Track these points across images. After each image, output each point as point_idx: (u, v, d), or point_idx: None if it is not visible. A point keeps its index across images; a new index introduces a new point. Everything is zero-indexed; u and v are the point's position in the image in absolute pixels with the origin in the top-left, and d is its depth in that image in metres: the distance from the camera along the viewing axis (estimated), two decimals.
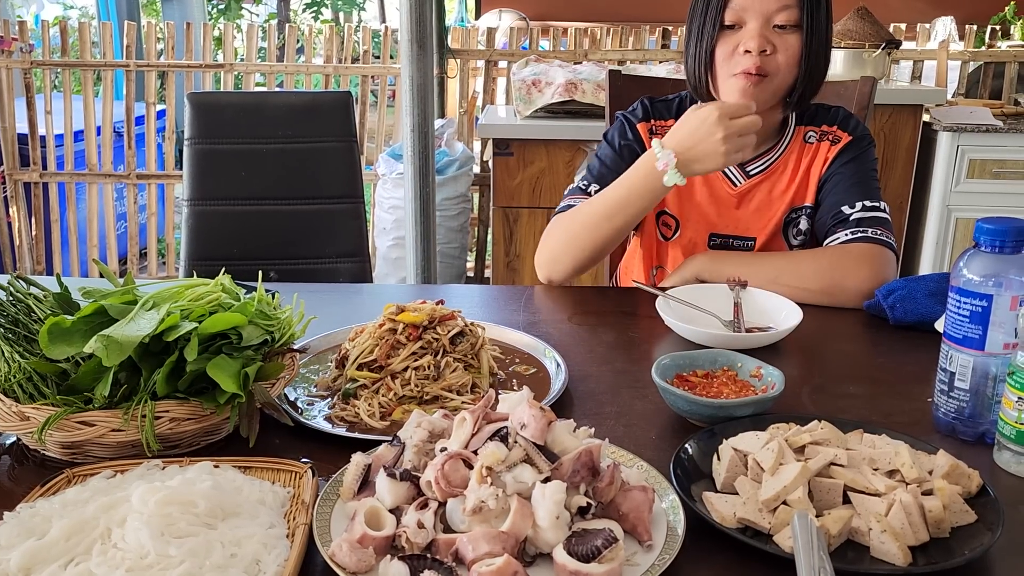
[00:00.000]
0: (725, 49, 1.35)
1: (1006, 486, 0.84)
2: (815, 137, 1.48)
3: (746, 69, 1.32)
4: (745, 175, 1.46)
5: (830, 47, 1.38)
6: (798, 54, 1.34)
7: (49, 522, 0.71)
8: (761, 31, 1.32)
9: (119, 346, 0.83)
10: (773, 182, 1.47)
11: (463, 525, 0.70)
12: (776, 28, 1.33)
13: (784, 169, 1.47)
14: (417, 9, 2.54)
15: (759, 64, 1.32)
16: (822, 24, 1.34)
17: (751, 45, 1.32)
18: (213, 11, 8.42)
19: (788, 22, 1.33)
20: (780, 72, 1.34)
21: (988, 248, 0.88)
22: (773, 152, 1.47)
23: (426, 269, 2.80)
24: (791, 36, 1.33)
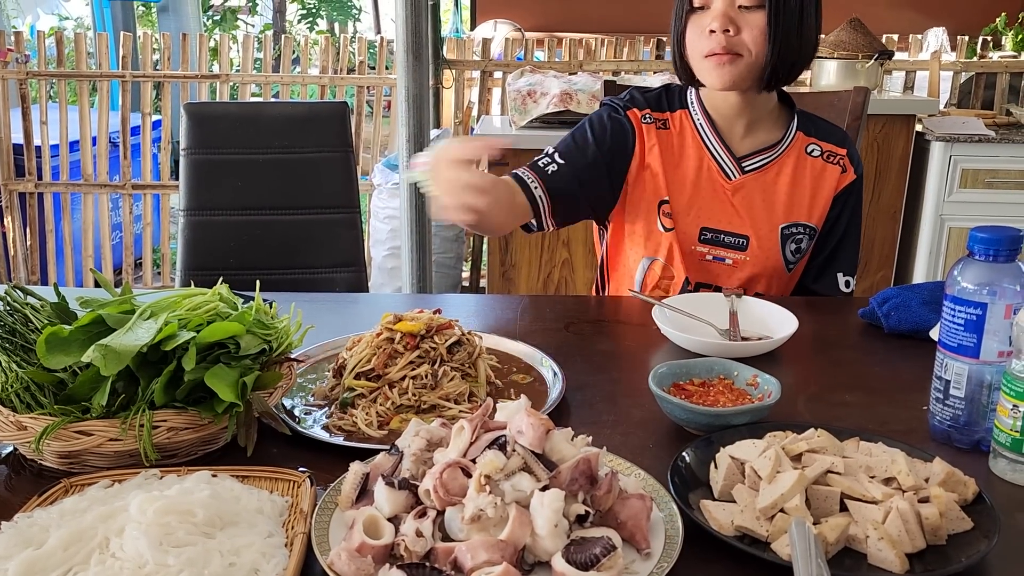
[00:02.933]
0: (694, 31, 1.37)
1: (1002, 494, 0.84)
2: (819, 152, 1.47)
3: (712, 49, 1.34)
4: (740, 169, 1.45)
5: (808, 26, 1.36)
6: (764, 32, 1.33)
7: (47, 532, 0.71)
8: (725, 11, 1.33)
9: (117, 355, 0.83)
10: (769, 182, 1.45)
11: (462, 534, 0.70)
12: (741, 8, 1.33)
13: (781, 171, 1.46)
14: (413, 20, 2.55)
15: (724, 44, 1.33)
16: (792, 2, 1.33)
17: (714, 25, 1.33)
18: (209, 22, 8.43)
19: (752, 2, 1.33)
20: (748, 50, 1.34)
21: (982, 257, 0.89)
22: (772, 151, 1.46)
23: (422, 279, 2.80)
24: (755, 15, 1.33)
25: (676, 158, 1.46)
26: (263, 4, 8.93)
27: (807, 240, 1.46)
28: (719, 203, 1.45)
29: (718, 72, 1.36)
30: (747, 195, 1.45)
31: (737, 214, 1.44)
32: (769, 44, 1.33)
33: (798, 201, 1.45)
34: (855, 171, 1.49)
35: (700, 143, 1.46)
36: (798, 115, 1.49)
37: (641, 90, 1.51)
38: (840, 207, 1.48)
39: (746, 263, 1.44)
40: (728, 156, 1.45)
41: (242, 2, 8.63)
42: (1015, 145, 3.07)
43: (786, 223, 1.45)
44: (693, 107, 1.47)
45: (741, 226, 1.44)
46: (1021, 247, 0.89)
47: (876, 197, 3.14)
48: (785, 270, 1.46)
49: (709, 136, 1.45)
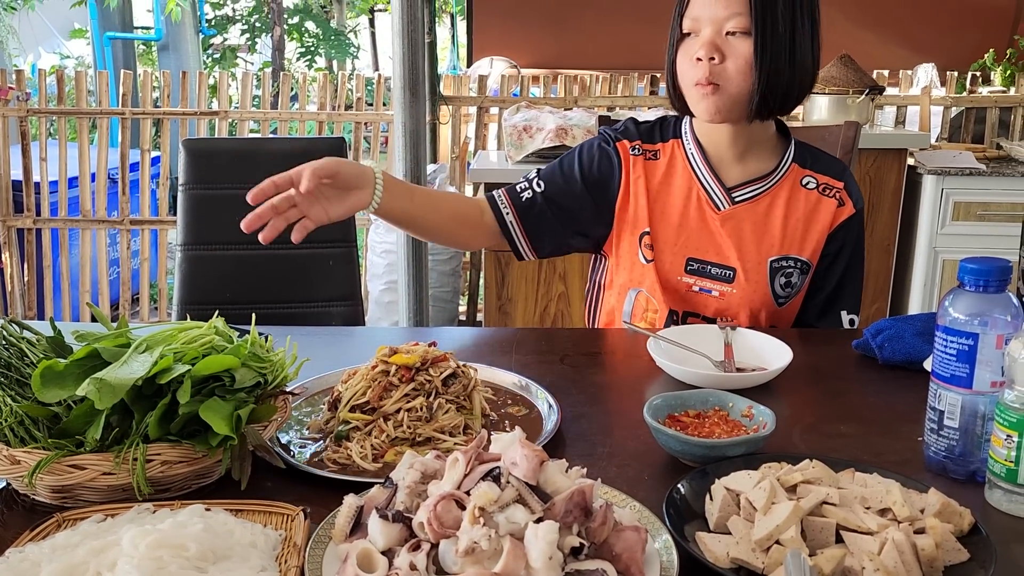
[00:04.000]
0: (684, 58, 1.36)
1: (998, 524, 0.84)
2: (814, 185, 1.44)
3: (697, 79, 1.33)
4: (730, 199, 1.42)
5: (802, 54, 1.33)
6: (749, 61, 1.31)
7: (39, 567, 0.70)
8: (712, 39, 1.31)
9: (112, 389, 0.83)
10: (760, 213, 1.42)
11: (456, 567, 0.70)
12: (729, 35, 1.31)
13: (774, 203, 1.43)
14: (410, 57, 2.59)
15: (708, 73, 1.31)
16: (781, 29, 1.30)
17: (700, 53, 1.31)
18: (208, 60, 8.53)
19: (738, 28, 1.30)
20: (731, 80, 1.32)
21: (972, 287, 0.90)
22: (764, 181, 1.43)
23: (418, 313, 2.80)
24: (742, 43, 1.31)
25: (663, 188, 1.44)
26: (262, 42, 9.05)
27: (798, 275, 1.43)
28: (707, 234, 1.42)
29: (704, 102, 1.34)
30: (736, 226, 1.42)
31: (725, 245, 1.42)
32: (756, 73, 1.31)
33: (790, 234, 1.42)
34: (854, 205, 1.45)
35: (690, 172, 1.44)
36: (795, 146, 1.46)
37: (636, 121, 1.51)
38: (840, 243, 1.44)
39: (733, 295, 1.41)
40: (718, 186, 1.42)
41: (241, 40, 8.74)
42: (1006, 178, 3.10)
43: (776, 256, 1.42)
44: (686, 136, 1.46)
45: (729, 258, 1.42)
46: (1011, 277, 0.90)
47: (870, 230, 3.16)
48: (775, 303, 1.43)
49: (699, 165, 1.43)
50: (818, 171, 1.45)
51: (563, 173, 1.45)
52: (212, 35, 8.51)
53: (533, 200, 1.43)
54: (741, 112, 1.36)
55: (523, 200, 1.43)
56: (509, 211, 1.43)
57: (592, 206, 1.45)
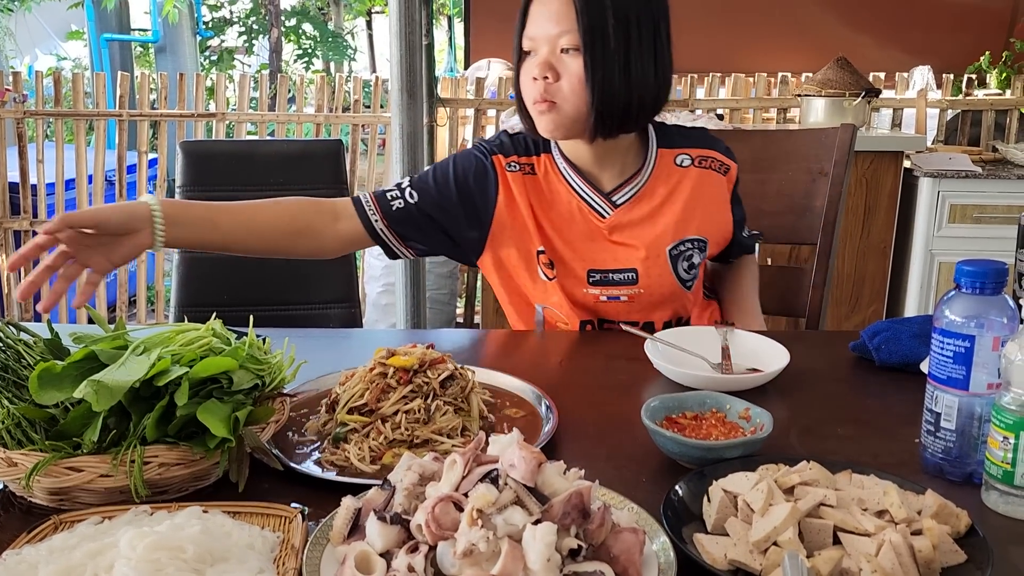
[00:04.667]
0: (524, 77, 1.34)
1: (994, 526, 0.84)
2: (689, 161, 1.44)
3: (534, 97, 1.31)
4: (612, 204, 1.40)
5: (639, 71, 1.30)
6: (582, 79, 1.28)
7: (36, 569, 0.70)
8: (547, 57, 1.29)
9: (109, 391, 0.83)
10: (644, 209, 1.41)
11: (454, 568, 0.70)
12: (562, 52, 1.29)
13: (655, 193, 1.41)
14: (408, 59, 2.59)
15: (543, 91, 1.30)
16: (612, 46, 1.27)
17: (534, 72, 1.30)
18: (206, 62, 8.53)
19: (570, 46, 1.28)
20: (566, 99, 1.30)
21: (969, 290, 0.90)
22: (638, 177, 1.41)
23: (416, 315, 2.80)
24: (574, 61, 1.28)
25: (547, 204, 1.41)
26: (259, 44, 9.05)
27: (698, 254, 1.43)
28: (599, 243, 1.40)
29: (542, 120, 1.33)
30: (625, 229, 1.40)
31: (620, 250, 1.40)
32: (589, 91, 1.28)
33: (680, 217, 1.41)
34: (733, 160, 1.48)
35: (567, 186, 1.41)
36: (656, 131, 1.45)
37: (510, 134, 1.46)
38: (735, 199, 1.50)
39: (641, 295, 1.40)
40: (597, 194, 1.40)
41: (239, 43, 8.75)
42: (1001, 181, 3.11)
43: (672, 243, 1.41)
44: (555, 150, 1.43)
45: (626, 261, 1.40)
46: (1007, 280, 0.91)
47: (866, 232, 3.17)
48: (684, 289, 1.43)
49: (574, 178, 1.41)
50: (688, 146, 1.46)
51: (436, 183, 1.40)
52: (209, 37, 8.51)
53: (406, 211, 1.38)
54: (581, 129, 1.34)
55: (393, 210, 1.38)
56: (378, 218, 1.38)
57: (464, 218, 1.41)
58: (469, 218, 1.41)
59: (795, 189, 1.79)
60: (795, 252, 3.04)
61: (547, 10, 1.30)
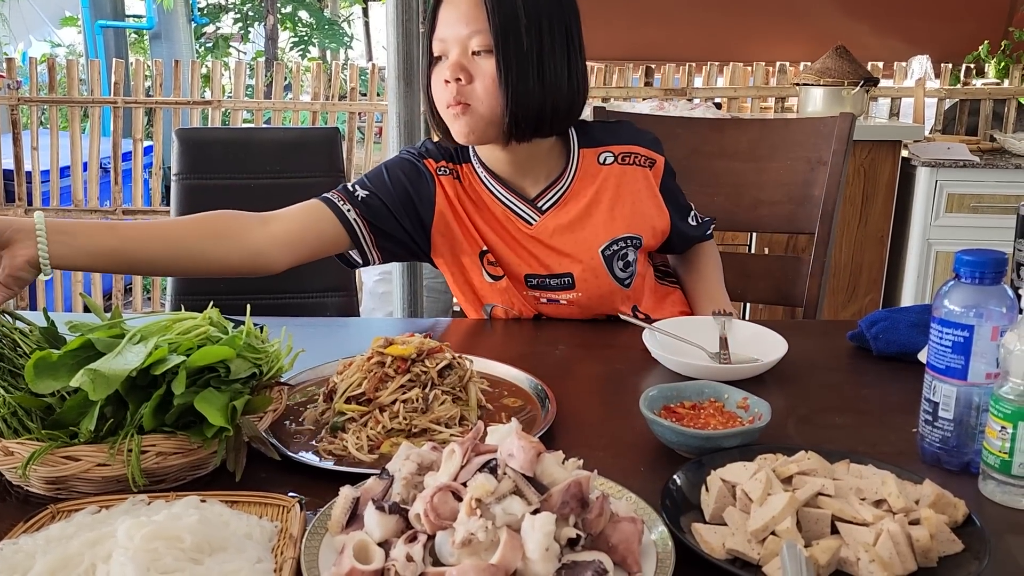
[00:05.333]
0: (436, 81, 1.30)
1: (991, 515, 0.85)
2: (612, 158, 1.41)
3: (447, 101, 1.28)
4: (537, 211, 1.38)
5: (553, 73, 1.27)
6: (495, 80, 1.25)
7: (33, 558, 0.70)
8: (458, 59, 1.26)
9: (106, 380, 0.83)
10: (572, 212, 1.38)
11: (452, 558, 0.69)
12: (474, 55, 1.26)
13: (580, 196, 1.39)
14: (404, 47, 2.57)
15: (455, 94, 1.27)
16: (525, 47, 1.24)
17: (446, 75, 1.27)
18: (201, 49, 8.48)
19: (482, 47, 1.25)
20: (479, 100, 1.27)
21: (968, 279, 0.90)
22: (561, 181, 1.39)
23: (413, 304, 2.80)
24: (487, 62, 1.25)
25: (476, 212, 1.39)
26: (255, 31, 9.00)
27: (632, 251, 1.40)
28: (532, 248, 1.39)
29: (456, 123, 1.29)
30: (555, 234, 1.38)
31: (551, 256, 1.38)
32: (502, 93, 1.25)
33: (609, 217, 1.39)
34: (658, 152, 1.45)
35: (492, 196, 1.39)
36: (576, 133, 1.42)
37: (433, 142, 1.43)
38: (666, 190, 1.46)
39: (580, 298, 1.40)
40: (521, 202, 1.38)
41: (234, 30, 8.70)
42: (999, 170, 3.11)
43: (604, 244, 1.38)
44: (474, 159, 1.40)
45: (560, 265, 1.38)
46: (1006, 269, 0.90)
47: (864, 222, 3.17)
48: (622, 288, 1.41)
49: (496, 188, 1.39)
50: (609, 144, 1.43)
51: (372, 183, 1.38)
52: (204, 24, 8.46)
53: (370, 199, 1.35)
54: (496, 133, 1.30)
55: (359, 199, 1.34)
56: (351, 209, 1.33)
57: (403, 218, 1.38)
58: (411, 217, 1.38)
59: (793, 178, 1.78)
60: (792, 241, 3.05)
61: (457, 12, 1.26)
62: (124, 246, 1.18)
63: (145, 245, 1.21)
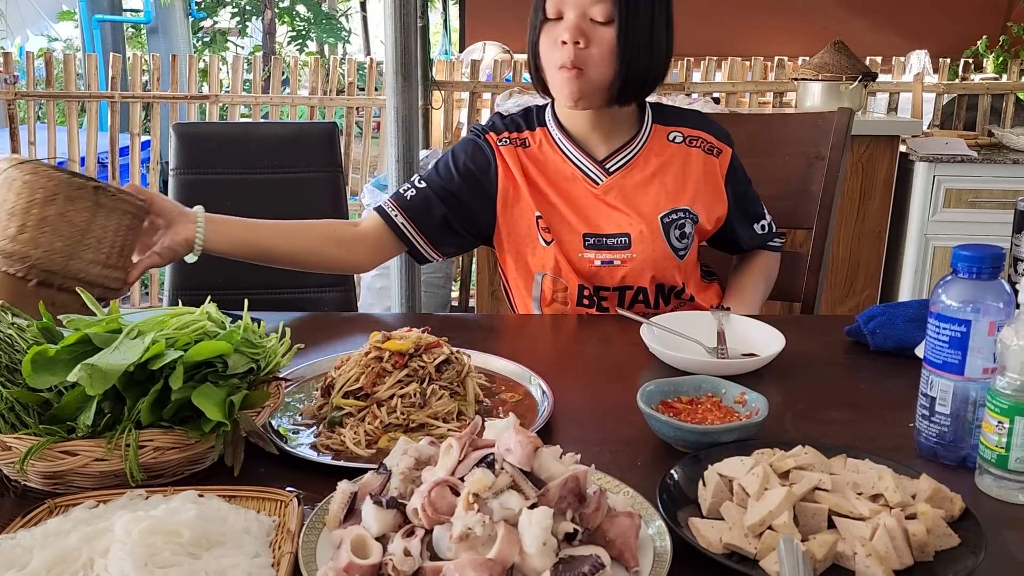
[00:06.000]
0: (547, 41, 1.37)
1: (988, 510, 0.85)
2: (681, 139, 1.49)
3: (563, 62, 1.34)
4: (605, 172, 1.45)
5: (658, 42, 1.37)
6: (612, 48, 1.33)
7: (30, 553, 0.70)
8: (577, 23, 1.33)
9: (103, 375, 0.83)
10: (637, 176, 1.46)
11: (450, 552, 0.70)
12: (593, 22, 1.33)
13: (647, 164, 1.46)
14: (402, 41, 2.57)
15: (573, 57, 1.33)
16: (643, 19, 1.33)
17: (565, 36, 1.33)
18: (198, 43, 8.46)
19: (603, 16, 1.32)
20: (595, 66, 1.34)
21: (965, 275, 0.90)
22: (631, 146, 1.46)
23: (411, 298, 2.80)
24: (606, 30, 1.33)
25: (543, 172, 1.46)
26: (253, 26, 8.98)
27: (690, 224, 1.46)
28: (594, 209, 1.45)
29: (568, 86, 1.36)
30: (618, 195, 1.45)
31: (614, 215, 1.44)
32: (618, 61, 1.34)
33: (671, 187, 1.46)
34: (727, 144, 1.52)
35: (562, 156, 1.46)
36: (651, 108, 1.51)
37: (501, 115, 1.52)
38: (734, 183, 1.52)
39: (634, 259, 1.44)
40: (590, 162, 1.45)
41: (232, 24, 8.68)
42: (997, 165, 3.11)
43: (665, 211, 1.44)
44: (550, 123, 1.48)
45: (620, 225, 1.44)
46: (1003, 264, 0.91)
47: (861, 217, 3.17)
48: (676, 257, 1.45)
49: (568, 147, 1.46)
50: (679, 125, 1.51)
51: (439, 173, 1.47)
52: (202, 18, 8.44)
53: (420, 195, 1.45)
54: (603, 98, 1.39)
55: (408, 199, 1.45)
56: (398, 213, 1.45)
57: (474, 199, 1.46)
58: (477, 196, 1.46)
59: (791, 173, 1.78)
60: (791, 236, 3.04)
61: None
62: (261, 240, 1.37)
63: (277, 242, 1.39)
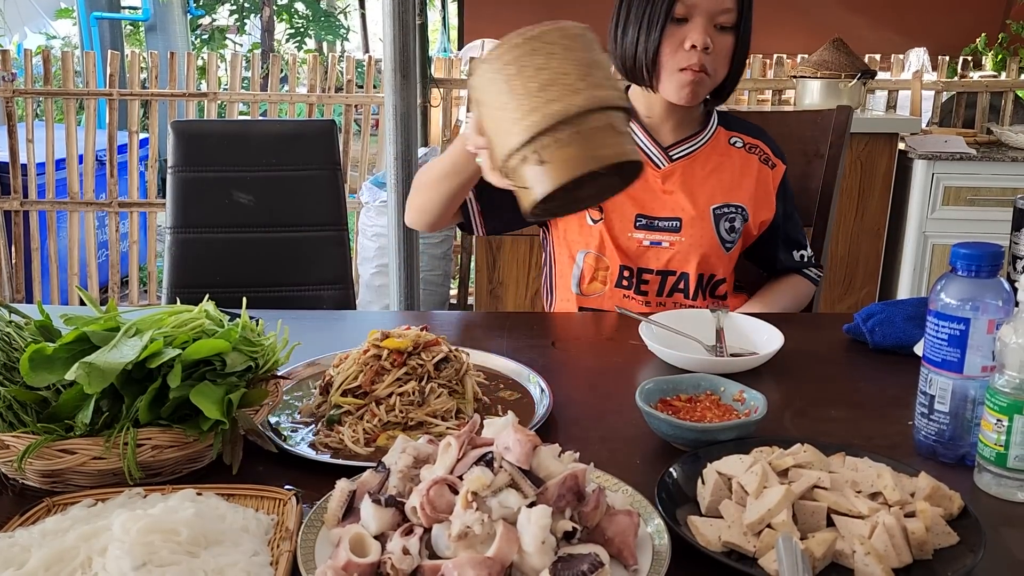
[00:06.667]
0: (672, 42, 1.39)
1: (987, 508, 0.85)
2: (741, 144, 1.55)
3: (692, 65, 1.38)
4: (668, 158, 1.50)
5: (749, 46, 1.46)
6: (731, 55, 1.41)
7: (28, 552, 0.70)
8: (707, 29, 1.37)
9: (101, 373, 0.82)
10: (697, 167, 1.50)
11: (448, 551, 0.70)
12: (716, 28, 1.38)
13: (709, 158, 1.52)
14: (400, 39, 2.56)
15: (701, 61, 1.38)
16: (749, 30, 1.42)
17: (699, 40, 1.36)
18: (197, 41, 8.45)
19: (727, 23, 1.39)
20: (715, 70, 1.40)
21: (964, 272, 0.90)
22: (695, 140, 1.52)
23: (409, 296, 2.80)
24: (728, 37, 1.40)
25: None
26: (251, 23, 8.96)
27: (740, 220, 1.51)
28: (650, 191, 1.49)
29: (689, 87, 1.40)
30: (677, 181, 1.49)
31: (669, 199, 1.49)
32: (729, 66, 1.43)
33: (726, 183, 1.51)
34: (782, 161, 1.58)
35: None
36: (717, 112, 1.56)
37: None
38: (783, 199, 1.57)
39: (682, 243, 1.48)
40: (655, 146, 1.50)
41: (230, 21, 8.66)
42: (996, 163, 3.11)
43: (718, 204, 1.49)
44: None
45: (674, 210, 1.48)
46: (1002, 262, 0.90)
47: (860, 215, 3.17)
48: (723, 249, 1.50)
49: (635, 131, 1.50)
50: (741, 132, 1.57)
51: None
52: (200, 15, 8.43)
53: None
54: (704, 96, 1.46)
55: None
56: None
57: None
58: None
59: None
60: None
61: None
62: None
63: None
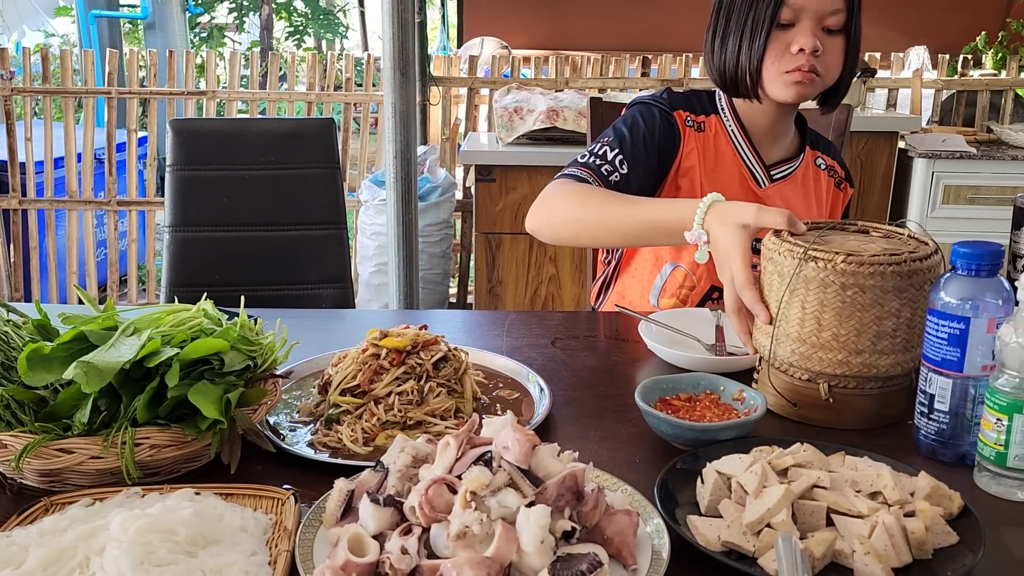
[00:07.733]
0: (778, 46, 1.35)
1: (986, 507, 0.85)
2: (824, 166, 1.55)
3: (801, 67, 1.34)
4: (769, 178, 1.48)
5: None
6: (842, 58, 1.37)
7: (26, 551, 0.70)
8: (815, 31, 1.33)
9: (99, 372, 0.82)
10: (789, 191, 1.49)
11: (447, 551, 0.69)
12: (825, 31, 1.35)
13: (801, 181, 1.50)
14: (400, 37, 2.56)
15: (811, 64, 1.34)
16: (859, 31, 1.38)
17: (807, 43, 1.32)
18: (196, 39, 8.44)
19: (836, 25, 1.35)
20: (825, 72, 1.36)
21: (964, 271, 0.90)
22: (793, 161, 1.50)
23: (409, 295, 2.80)
24: (838, 39, 1.36)
25: (713, 163, 1.45)
26: (250, 22, 8.95)
27: None
28: None
29: (796, 89, 1.35)
30: (776, 201, 1.45)
31: None
32: (841, 69, 1.38)
33: (811, 207, 1.50)
34: (850, 185, 1.58)
35: (734, 150, 1.46)
36: (808, 129, 1.54)
37: (672, 91, 1.49)
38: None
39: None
40: (759, 164, 1.47)
41: (229, 19, 8.65)
42: (996, 162, 3.11)
43: None
44: (725, 113, 1.47)
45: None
46: (1002, 261, 0.90)
47: (860, 213, 3.17)
48: None
49: (742, 144, 1.46)
50: (823, 151, 1.56)
51: (636, 146, 1.40)
52: (199, 14, 8.41)
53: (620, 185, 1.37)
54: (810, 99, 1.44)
55: (612, 183, 1.37)
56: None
57: (654, 177, 1.43)
58: (658, 175, 1.44)
59: None
60: None
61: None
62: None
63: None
